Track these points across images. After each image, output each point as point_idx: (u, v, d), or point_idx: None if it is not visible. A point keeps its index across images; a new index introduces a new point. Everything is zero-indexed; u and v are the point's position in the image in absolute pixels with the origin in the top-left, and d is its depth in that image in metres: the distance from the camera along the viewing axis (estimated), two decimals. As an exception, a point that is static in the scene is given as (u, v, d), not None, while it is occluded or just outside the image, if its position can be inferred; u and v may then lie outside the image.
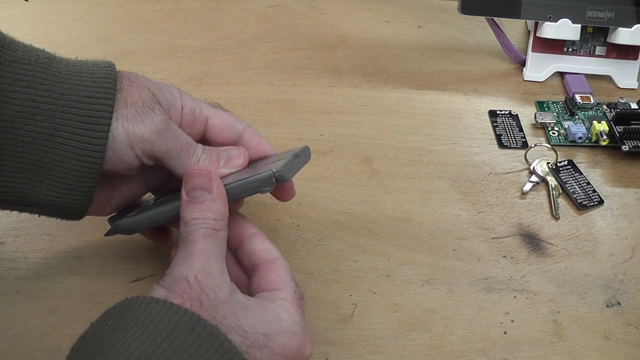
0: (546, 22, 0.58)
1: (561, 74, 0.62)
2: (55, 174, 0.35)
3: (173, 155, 0.37)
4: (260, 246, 0.37)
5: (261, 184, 0.36)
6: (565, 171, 0.52)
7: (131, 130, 0.35)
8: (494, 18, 0.61)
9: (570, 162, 0.53)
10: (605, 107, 0.58)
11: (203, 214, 0.34)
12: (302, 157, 0.38)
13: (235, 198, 0.36)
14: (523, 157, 0.53)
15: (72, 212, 0.37)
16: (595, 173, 0.53)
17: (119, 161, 0.36)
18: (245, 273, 0.38)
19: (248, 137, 0.40)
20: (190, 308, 0.31)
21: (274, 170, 0.35)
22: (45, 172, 0.35)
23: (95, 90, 0.35)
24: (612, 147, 0.54)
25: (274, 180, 0.35)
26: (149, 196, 0.43)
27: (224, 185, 0.36)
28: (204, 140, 0.40)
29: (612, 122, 0.54)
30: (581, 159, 0.54)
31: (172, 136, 0.37)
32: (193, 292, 0.32)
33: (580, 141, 0.55)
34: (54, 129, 0.35)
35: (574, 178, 0.52)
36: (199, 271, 0.33)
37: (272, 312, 0.33)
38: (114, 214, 0.41)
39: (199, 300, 0.32)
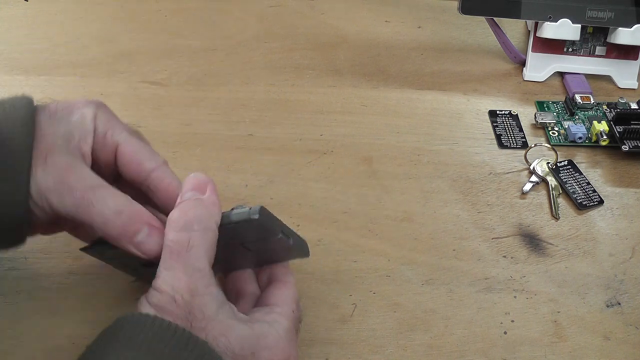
0: (546, 22, 0.58)
1: (561, 74, 0.62)
2: None
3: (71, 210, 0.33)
4: (280, 268, 0.38)
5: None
6: (565, 171, 0.52)
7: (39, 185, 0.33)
8: (494, 18, 0.61)
9: (570, 162, 0.53)
10: (605, 107, 0.58)
11: (187, 214, 0.33)
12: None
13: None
14: (523, 157, 0.53)
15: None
16: (595, 173, 0.53)
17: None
18: (260, 289, 0.39)
19: (157, 179, 0.36)
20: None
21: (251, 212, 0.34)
22: None
23: None
24: (612, 147, 0.54)
25: (256, 218, 0.34)
26: None
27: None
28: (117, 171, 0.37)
29: (612, 122, 0.54)
30: (581, 159, 0.54)
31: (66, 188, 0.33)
32: (181, 311, 0.32)
33: (580, 141, 0.55)
34: None
35: (574, 178, 0.52)
36: (185, 291, 0.32)
37: (260, 327, 0.33)
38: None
39: (189, 321, 0.32)
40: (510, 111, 0.58)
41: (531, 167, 0.52)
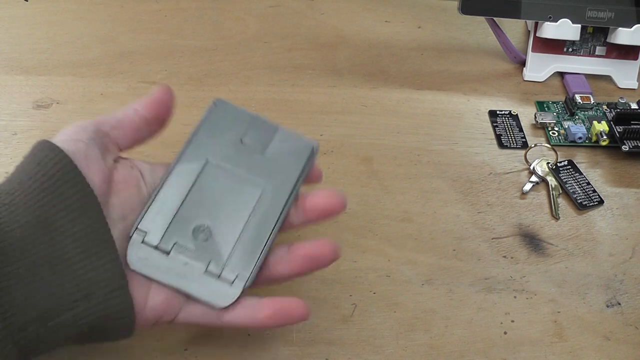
0: (546, 22, 0.58)
1: (561, 74, 0.62)
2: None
3: None
4: None
5: None
6: (565, 171, 0.52)
7: None
8: (494, 18, 0.61)
9: (570, 162, 0.53)
10: (605, 107, 0.58)
11: None
12: None
13: None
14: (523, 157, 0.53)
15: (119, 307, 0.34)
16: (595, 173, 0.53)
17: None
18: None
19: None
20: None
21: None
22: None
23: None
24: (612, 147, 0.54)
25: None
26: None
27: None
28: None
29: (612, 122, 0.54)
30: (581, 159, 0.54)
31: None
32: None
33: (580, 141, 0.55)
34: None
35: (574, 178, 0.52)
36: None
37: None
38: None
39: None
40: (510, 111, 0.58)
41: (531, 167, 0.52)
